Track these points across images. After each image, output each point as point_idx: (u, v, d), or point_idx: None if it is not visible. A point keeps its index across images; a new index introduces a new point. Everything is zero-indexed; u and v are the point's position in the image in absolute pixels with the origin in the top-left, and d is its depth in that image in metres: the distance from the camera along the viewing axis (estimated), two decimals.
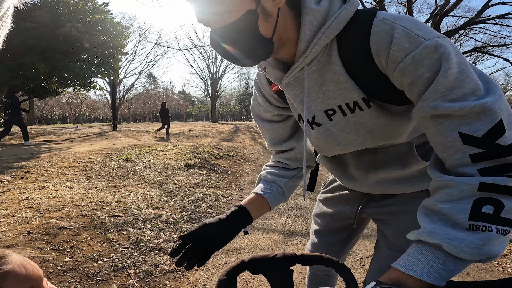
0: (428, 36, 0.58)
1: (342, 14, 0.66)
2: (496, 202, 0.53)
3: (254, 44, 0.69)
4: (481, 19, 15.80)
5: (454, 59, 0.56)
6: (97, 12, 12.96)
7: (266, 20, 0.68)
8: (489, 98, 0.54)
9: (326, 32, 0.67)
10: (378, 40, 0.63)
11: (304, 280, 2.27)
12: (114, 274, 2.25)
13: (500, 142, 0.53)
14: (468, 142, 0.54)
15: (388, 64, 0.63)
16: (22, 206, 3.45)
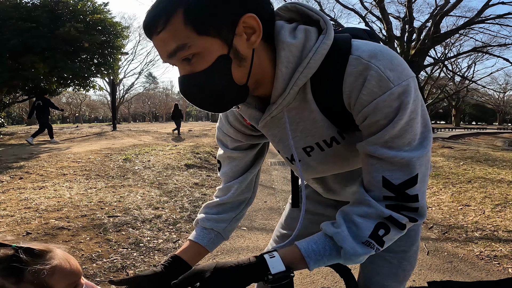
0: (397, 79, 0.60)
1: (319, 50, 0.63)
2: (387, 228, 0.65)
3: (227, 91, 0.65)
4: (481, 19, 15.79)
5: (410, 108, 0.61)
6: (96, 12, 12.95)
7: (240, 65, 0.63)
8: (417, 153, 0.62)
9: (304, 71, 0.64)
10: (352, 82, 0.63)
11: (304, 281, 2.26)
12: (113, 274, 2.24)
13: (408, 192, 0.63)
14: (386, 186, 0.64)
15: (355, 106, 0.64)
16: (21, 206, 3.44)
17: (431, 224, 3.35)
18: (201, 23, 0.59)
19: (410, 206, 0.65)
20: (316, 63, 0.64)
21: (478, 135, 25.33)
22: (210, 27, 0.59)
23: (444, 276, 2.31)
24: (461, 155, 7.63)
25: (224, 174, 0.95)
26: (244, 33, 0.62)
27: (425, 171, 0.64)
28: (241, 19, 0.61)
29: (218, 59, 0.61)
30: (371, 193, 0.67)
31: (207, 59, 0.61)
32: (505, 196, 4.01)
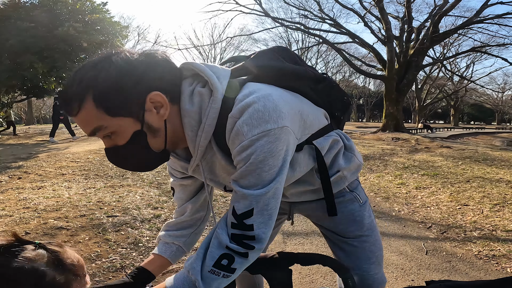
0: (249, 134, 0.70)
1: (210, 115, 0.74)
2: (231, 258, 0.75)
3: (149, 158, 0.77)
4: (479, 19, 15.81)
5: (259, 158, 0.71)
6: (95, 12, 12.93)
7: (155, 136, 0.74)
8: (257, 192, 0.73)
9: (203, 135, 0.76)
10: (228, 137, 0.74)
11: (303, 280, 2.27)
12: (113, 274, 2.24)
13: (245, 222, 0.74)
14: (233, 213, 0.76)
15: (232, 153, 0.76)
16: (19, 206, 3.43)
17: (429, 224, 3.36)
18: (110, 107, 0.67)
19: (247, 234, 0.75)
20: (210, 127, 0.75)
21: (476, 134, 25.37)
22: (120, 109, 0.68)
23: (442, 275, 2.32)
24: (460, 154, 7.65)
25: (179, 198, 1.06)
26: (154, 108, 0.72)
27: (264, 207, 0.75)
28: (147, 98, 0.70)
29: (133, 134, 0.71)
30: (227, 218, 0.78)
31: (124, 136, 0.71)
32: (504, 195, 4.02)
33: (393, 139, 12.15)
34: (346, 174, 1.00)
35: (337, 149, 0.97)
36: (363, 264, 1.09)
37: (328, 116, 0.99)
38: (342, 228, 1.09)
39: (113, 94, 0.67)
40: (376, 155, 8.07)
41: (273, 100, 0.72)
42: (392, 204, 4.11)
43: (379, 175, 5.74)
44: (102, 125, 0.68)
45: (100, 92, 0.66)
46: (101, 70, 0.68)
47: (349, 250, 1.11)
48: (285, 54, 0.94)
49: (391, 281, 2.25)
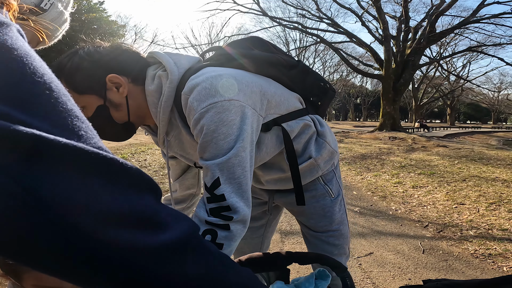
0: (198, 108, 0.77)
1: (166, 93, 0.84)
2: (214, 233, 0.78)
3: (116, 130, 0.87)
4: (476, 19, 15.89)
5: (211, 128, 0.77)
6: (92, 11, 12.87)
7: (118, 110, 0.85)
8: (216, 161, 0.78)
9: (161, 110, 0.85)
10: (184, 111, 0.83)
11: None
12: None
13: (216, 192, 0.78)
14: (205, 188, 0.80)
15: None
16: None
17: (426, 223, 3.38)
18: (78, 87, 0.82)
19: (222, 205, 0.78)
20: (167, 103, 0.85)
21: (472, 134, 25.51)
22: (85, 88, 0.82)
23: (439, 274, 2.33)
24: (456, 153, 7.69)
25: (171, 176, 1.14)
26: (114, 88, 0.84)
27: (229, 175, 0.78)
28: (106, 79, 0.83)
29: (97, 108, 0.83)
30: (203, 197, 0.82)
31: (90, 110, 0.83)
32: (500, 194, 4.05)
33: (390, 138, 12.20)
34: (319, 162, 1.01)
35: (308, 134, 0.99)
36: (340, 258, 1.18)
37: (302, 101, 1.01)
38: (313, 222, 1.14)
39: (78, 76, 0.82)
40: (373, 154, 8.10)
41: (222, 79, 0.79)
42: (389, 203, 4.12)
43: (376, 174, 5.76)
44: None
45: (67, 75, 0.82)
46: (68, 60, 0.84)
47: (317, 244, 1.16)
48: (259, 43, 1.00)
49: (389, 280, 2.26)
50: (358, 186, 5.14)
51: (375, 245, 2.83)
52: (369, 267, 2.45)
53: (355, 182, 5.38)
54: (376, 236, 3.05)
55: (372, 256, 2.63)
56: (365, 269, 2.41)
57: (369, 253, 2.68)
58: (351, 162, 7.18)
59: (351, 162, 7.12)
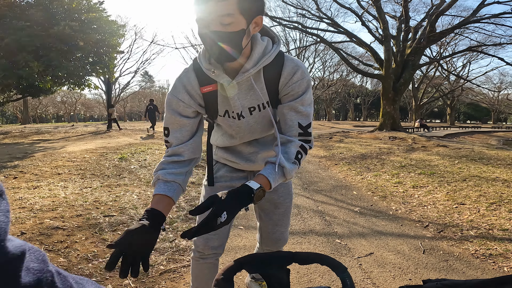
0: (307, 75, 1.16)
1: (273, 52, 1.13)
2: (301, 154, 1.14)
3: (235, 48, 1.04)
4: (476, 18, 15.86)
5: (310, 88, 1.17)
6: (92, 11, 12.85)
7: (247, 38, 1.05)
8: (311, 109, 1.17)
9: (266, 61, 1.11)
10: (287, 73, 1.15)
11: (301, 280, 2.26)
12: (110, 274, 2.23)
13: (308, 130, 1.17)
14: (299, 127, 1.15)
15: (287, 84, 1.15)
16: (15, 206, 3.41)
17: (426, 223, 3.37)
18: (244, 9, 0.99)
19: (308, 138, 1.17)
20: (272, 57, 1.13)
21: (472, 133, 25.49)
22: (248, 13, 1.00)
23: (439, 274, 2.33)
24: (456, 153, 7.68)
25: (176, 138, 1.18)
26: (254, 23, 1.05)
27: (311, 120, 1.18)
28: (257, 16, 1.04)
29: (241, 29, 1.01)
30: (290, 133, 1.15)
31: (237, 27, 1.00)
32: (500, 194, 4.04)
33: (390, 138, 12.18)
34: None
35: None
36: (281, 228, 1.56)
37: None
38: (282, 199, 1.51)
39: (251, 4, 1.00)
40: (373, 154, 8.09)
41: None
42: (389, 203, 4.12)
43: (376, 174, 5.75)
44: (233, 14, 0.97)
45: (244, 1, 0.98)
46: None
47: (278, 219, 1.54)
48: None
49: (389, 280, 2.26)
50: (358, 186, 5.13)
51: (376, 245, 2.82)
52: (370, 267, 2.45)
53: (355, 182, 5.37)
54: (377, 236, 3.04)
55: (373, 256, 2.62)
56: (366, 269, 2.41)
57: (370, 253, 2.67)
58: (351, 162, 7.18)
59: (351, 162, 7.11)
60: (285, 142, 1.14)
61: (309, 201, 4.22)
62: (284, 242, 1.61)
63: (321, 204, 4.12)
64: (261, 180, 1.03)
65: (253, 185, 0.98)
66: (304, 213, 3.74)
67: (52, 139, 10.60)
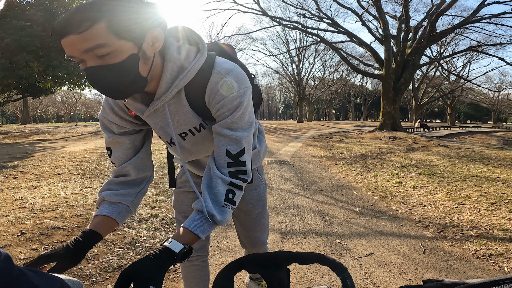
0: (237, 87, 0.93)
1: (196, 65, 0.91)
2: (233, 192, 0.94)
3: (132, 81, 0.84)
4: (476, 18, 15.85)
5: (244, 105, 0.94)
6: None
7: (145, 63, 0.85)
8: (244, 133, 0.96)
9: (184, 79, 0.91)
10: (211, 87, 0.93)
11: (301, 280, 2.26)
12: (110, 274, 2.23)
13: (240, 159, 0.96)
14: (228, 155, 0.95)
15: (212, 102, 0.95)
16: (15, 206, 3.41)
17: (426, 223, 3.37)
18: (121, 31, 0.77)
19: (242, 169, 0.96)
20: (192, 74, 0.91)
21: (473, 133, 25.49)
22: (128, 34, 0.78)
23: (440, 274, 2.32)
24: (456, 153, 7.67)
25: (118, 158, 1.07)
26: (151, 41, 0.84)
27: (249, 146, 0.98)
28: (150, 32, 0.83)
29: (130, 56, 0.80)
30: (218, 162, 0.96)
31: (121, 56, 0.79)
32: (500, 194, 4.03)
33: (390, 138, 12.18)
34: (261, 153, 1.28)
35: (255, 128, 1.24)
36: (254, 233, 1.49)
37: None
38: (251, 207, 1.41)
39: (127, 21, 0.78)
40: (373, 154, 8.09)
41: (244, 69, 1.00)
42: (389, 203, 4.11)
43: (377, 174, 5.75)
44: (106, 43, 0.75)
45: (118, 19, 0.76)
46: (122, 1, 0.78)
47: (251, 225, 1.46)
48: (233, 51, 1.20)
49: (389, 280, 2.26)
50: (358, 186, 5.13)
51: (376, 245, 2.82)
52: (370, 267, 2.44)
53: (356, 182, 5.37)
54: (377, 236, 3.04)
55: (373, 257, 2.62)
56: (366, 270, 2.41)
57: (370, 254, 2.67)
58: (351, 162, 7.17)
59: (351, 162, 7.11)
60: (213, 177, 0.95)
61: (309, 201, 4.22)
62: (261, 245, 1.54)
63: (321, 204, 4.12)
64: (185, 238, 0.86)
65: (175, 247, 0.83)
66: (304, 213, 3.74)
67: (52, 139, 10.60)
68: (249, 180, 0.98)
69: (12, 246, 2.45)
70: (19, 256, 2.32)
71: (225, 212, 0.92)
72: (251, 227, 1.47)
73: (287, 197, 4.41)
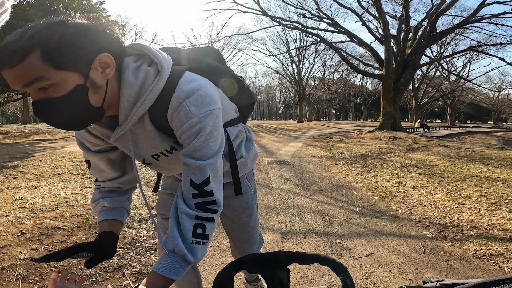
0: (197, 113, 0.83)
1: (153, 91, 0.83)
2: (203, 226, 0.86)
3: (84, 113, 0.77)
4: (476, 18, 15.86)
5: (207, 131, 0.85)
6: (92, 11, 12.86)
7: (96, 92, 0.77)
8: (209, 161, 0.87)
9: (142, 106, 0.83)
10: (171, 113, 0.85)
11: (301, 280, 2.26)
12: (110, 274, 2.23)
13: (206, 188, 0.87)
14: (192, 185, 0.87)
15: (173, 128, 0.88)
16: (15, 206, 3.41)
17: (427, 223, 3.36)
18: (59, 61, 0.69)
19: (210, 199, 0.88)
20: (150, 100, 0.83)
21: (473, 133, 25.48)
22: (68, 63, 0.70)
23: (440, 275, 2.32)
24: (457, 153, 7.67)
25: (99, 171, 1.05)
26: (100, 67, 0.76)
27: (216, 173, 0.89)
28: (96, 58, 0.75)
29: (75, 87, 0.72)
30: (184, 193, 0.88)
31: (64, 88, 0.71)
32: (501, 194, 4.03)
33: (390, 138, 12.18)
34: (248, 161, 1.21)
35: (241, 138, 1.18)
36: (242, 243, 1.39)
37: (237, 111, 1.19)
38: (237, 214, 1.31)
39: (64, 50, 0.69)
40: (373, 154, 8.09)
41: (210, 88, 0.89)
42: (389, 203, 4.11)
43: (377, 174, 5.75)
44: (44, 76, 0.68)
45: (51, 48, 0.68)
46: (56, 29, 0.70)
47: (238, 233, 1.37)
48: (215, 54, 1.12)
49: (389, 281, 2.25)
50: (358, 186, 5.12)
51: (376, 246, 2.82)
52: (370, 267, 2.44)
53: (356, 182, 5.37)
54: (377, 236, 3.03)
55: (373, 257, 2.62)
56: (366, 270, 2.40)
57: (370, 254, 2.66)
58: (351, 162, 7.17)
59: (351, 162, 7.11)
60: (178, 211, 0.88)
61: (310, 201, 4.22)
62: None
63: (321, 204, 4.12)
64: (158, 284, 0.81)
65: None
66: (305, 213, 3.74)
67: (53, 139, 10.61)
68: (220, 211, 0.90)
69: (12, 246, 2.45)
70: (19, 256, 2.32)
71: (196, 249, 0.85)
72: (238, 236, 1.38)
73: (287, 197, 4.41)
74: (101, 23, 0.78)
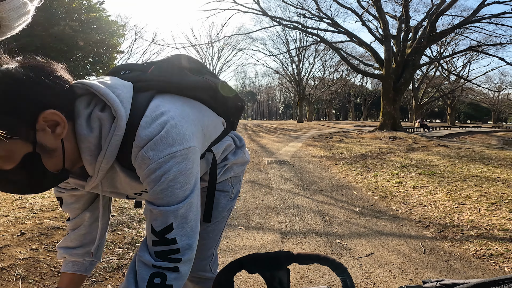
0: (155, 158, 0.72)
1: (112, 143, 0.73)
2: (163, 275, 0.77)
3: (43, 179, 0.69)
4: (476, 18, 15.86)
5: (169, 177, 0.75)
6: (92, 11, 12.86)
7: (52, 156, 0.68)
8: (172, 208, 0.77)
9: (104, 160, 0.75)
10: (133, 161, 0.76)
11: (301, 280, 2.26)
12: (109, 274, 2.23)
13: (167, 236, 0.78)
14: (152, 232, 0.79)
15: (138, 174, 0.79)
16: (15, 206, 3.40)
17: (427, 223, 3.36)
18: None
19: (172, 248, 0.78)
20: (112, 153, 0.75)
21: (473, 133, 25.48)
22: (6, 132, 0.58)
23: (440, 275, 2.32)
24: (456, 153, 7.67)
25: (73, 208, 0.99)
26: (47, 128, 0.65)
27: (183, 220, 0.79)
28: (39, 117, 0.63)
29: (24, 157, 0.63)
30: (147, 239, 0.81)
31: (13, 159, 0.62)
32: (501, 194, 4.03)
33: (390, 138, 12.18)
34: (233, 165, 1.13)
35: (229, 151, 1.11)
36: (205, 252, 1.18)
37: (224, 122, 1.08)
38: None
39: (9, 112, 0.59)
40: (373, 154, 8.09)
41: (176, 125, 0.75)
42: (389, 203, 4.11)
43: (377, 174, 5.75)
44: None
45: None
46: None
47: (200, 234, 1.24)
48: (190, 62, 0.99)
49: (389, 281, 2.25)
50: (358, 186, 5.12)
51: (376, 246, 2.82)
52: (370, 267, 2.44)
53: (356, 182, 5.37)
54: (377, 236, 3.03)
55: (373, 257, 2.62)
56: (366, 270, 2.40)
57: (370, 254, 2.66)
58: (351, 162, 7.17)
59: (351, 162, 7.11)
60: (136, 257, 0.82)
61: (309, 201, 4.22)
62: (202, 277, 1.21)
63: (321, 204, 4.12)
64: None
65: None
66: (304, 213, 3.73)
67: None
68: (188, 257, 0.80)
69: (12, 246, 2.45)
70: (18, 256, 2.31)
71: None
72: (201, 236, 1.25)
73: (287, 197, 4.41)
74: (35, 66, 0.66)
